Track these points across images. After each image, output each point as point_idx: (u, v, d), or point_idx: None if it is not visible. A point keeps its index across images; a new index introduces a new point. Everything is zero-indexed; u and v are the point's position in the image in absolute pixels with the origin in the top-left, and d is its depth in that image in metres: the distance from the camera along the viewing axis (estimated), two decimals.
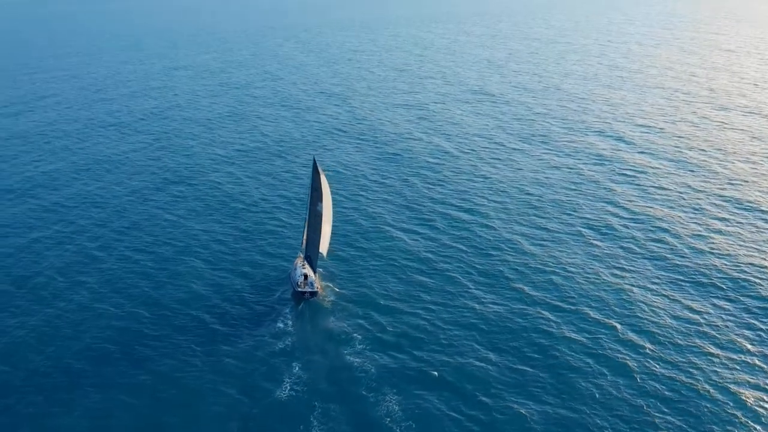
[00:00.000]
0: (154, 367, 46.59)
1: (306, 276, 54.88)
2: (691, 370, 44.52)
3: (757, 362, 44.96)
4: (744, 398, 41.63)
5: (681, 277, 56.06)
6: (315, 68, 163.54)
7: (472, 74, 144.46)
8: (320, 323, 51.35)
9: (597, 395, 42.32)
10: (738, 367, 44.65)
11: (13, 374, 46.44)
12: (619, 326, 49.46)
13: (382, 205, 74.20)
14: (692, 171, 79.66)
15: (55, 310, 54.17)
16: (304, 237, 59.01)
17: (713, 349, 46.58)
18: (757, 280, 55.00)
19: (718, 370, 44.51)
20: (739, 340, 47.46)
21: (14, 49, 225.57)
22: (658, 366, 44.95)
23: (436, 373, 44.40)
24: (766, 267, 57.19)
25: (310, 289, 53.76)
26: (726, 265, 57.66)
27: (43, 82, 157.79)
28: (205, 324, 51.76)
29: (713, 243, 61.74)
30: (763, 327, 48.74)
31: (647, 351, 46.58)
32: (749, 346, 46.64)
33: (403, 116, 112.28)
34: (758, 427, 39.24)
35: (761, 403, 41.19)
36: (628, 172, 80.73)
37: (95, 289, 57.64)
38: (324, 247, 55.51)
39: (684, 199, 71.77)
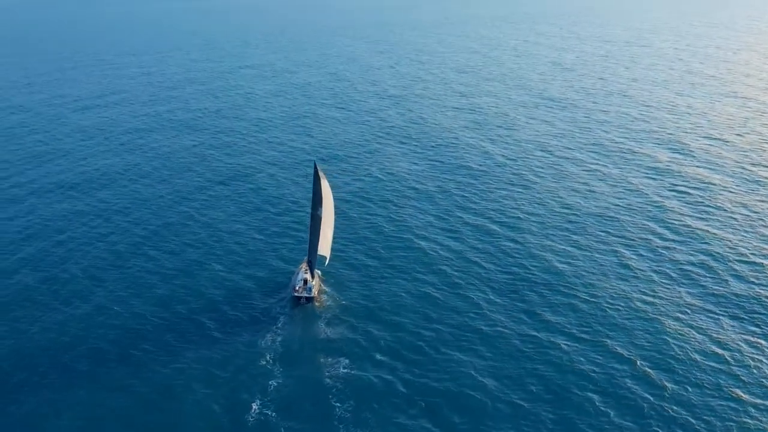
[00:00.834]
0: (142, 371, 45.80)
1: (306, 281, 53.80)
2: (709, 416, 39.73)
3: None
4: None
5: (717, 308, 50.67)
6: (378, 69, 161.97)
7: (535, 77, 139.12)
8: (310, 333, 49.25)
9: None
10: (765, 418, 39.52)
11: (11, 372, 46.75)
12: (638, 360, 45.00)
13: (410, 211, 71.61)
14: (753, 189, 72.73)
15: (64, 306, 54.51)
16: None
17: (740, 394, 41.51)
18: None
19: (742, 418, 39.54)
20: None
21: (95, 45, 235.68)
22: (672, 409, 40.38)
23: (423, 403, 41.37)
24: None
25: (306, 294, 52.75)
26: None
27: (116, 78, 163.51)
28: (202, 327, 50.70)
29: (760, 271, 55.71)
30: None
31: (663, 391, 42.00)
32: None
33: (455, 120, 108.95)
34: None
35: None
36: (682, 187, 74.64)
37: (109, 287, 57.75)
38: (325, 251, 54.34)
39: (737, 220, 65.46)
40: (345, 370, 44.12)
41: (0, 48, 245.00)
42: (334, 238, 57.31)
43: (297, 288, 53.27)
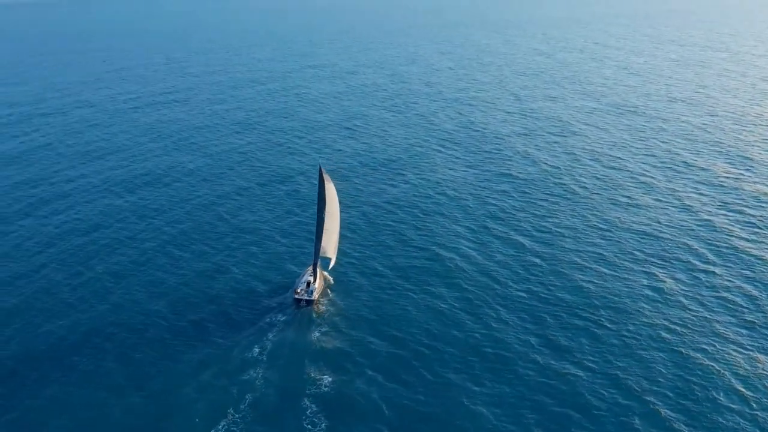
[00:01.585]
0: (134, 373, 45.27)
1: (308, 284, 52.94)
2: None
3: None
4: None
5: (750, 342, 45.71)
6: (437, 70, 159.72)
7: (598, 81, 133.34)
8: (303, 340, 47.60)
9: None
10: None
11: (15, 368, 47.30)
12: (649, 397, 41.07)
13: (437, 219, 69.07)
14: None
15: (79, 303, 54.86)
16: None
17: None
18: None
19: None
20: None
21: (166, 43, 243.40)
22: None
23: (404, 430, 38.96)
24: None
25: (306, 297, 51.85)
26: None
27: (181, 76, 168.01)
28: (202, 328, 49.90)
29: None
30: None
31: None
32: None
33: (506, 125, 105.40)
34: None
35: None
36: (735, 205, 68.86)
37: (126, 286, 57.73)
38: (330, 253, 53.91)
39: None
40: (327, 388, 41.94)
41: (70, 44, 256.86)
42: (341, 241, 56.56)
43: (298, 290, 52.53)
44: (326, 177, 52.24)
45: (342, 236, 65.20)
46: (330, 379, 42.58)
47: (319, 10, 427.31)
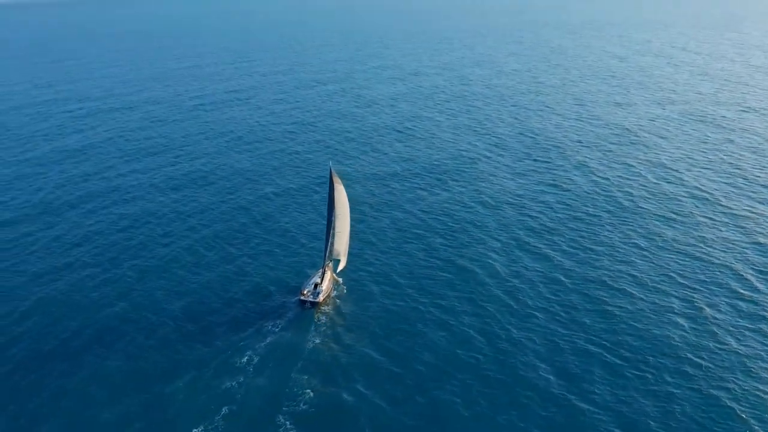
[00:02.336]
0: (135, 369, 45.34)
1: (316, 285, 52.48)
2: None
3: None
4: None
5: None
6: (506, 73, 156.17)
7: (678, 88, 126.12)
8: (300, 344, 46.61)
9: None
10: None
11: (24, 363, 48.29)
12: None
13: (468, 229, 66.54)
14: None
15: (97, 305, 55.65)
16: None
17: None
18: None
19: None
20: None
21: (233, 42, 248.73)
22: None
23: None
24: None
25: (311, 299, 51.35)
26: None
27: (247, 75, 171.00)
28: (206, 327, 49.53)
29: None
30: None
31: None
32: None
33: (568, 132, 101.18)
34: None
35: None
36: None
37: (148, 283, 58.11)
38: (340, 256, 53.68)
39: None
40: (306, 405, 40.15)
41: (142, 42, 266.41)
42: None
43: (305, 292, 52.04)
44: (336, 179, 51.57)
45: (365, 241, 64.17)
46: (312, 394, 41.03)
47: (392, 10, 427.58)
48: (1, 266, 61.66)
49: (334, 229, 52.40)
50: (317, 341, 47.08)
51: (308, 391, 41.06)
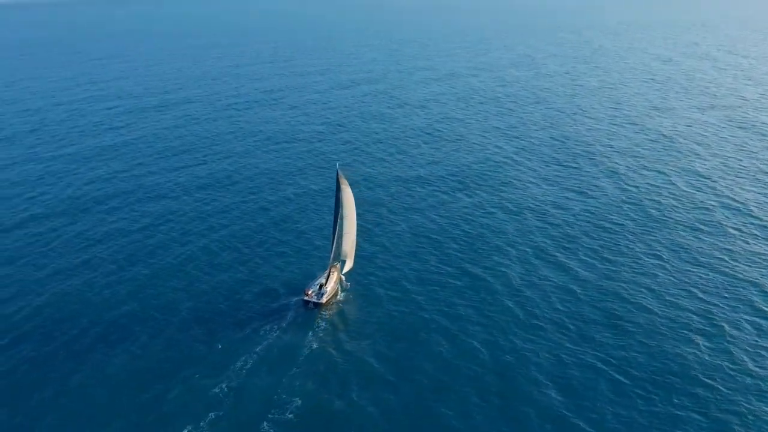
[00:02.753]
0: (136, 368, 45.60)
1: (320, 286, 52.32)
2: None
3: None
4: None
5: None
6: (546, 75, 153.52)
7: (720, 91, 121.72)
8: (297, 347, 46.33)
9: None
10: None
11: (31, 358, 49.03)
12: None
13: (487, 237, 65.13)
14: None
15: (108, 305, 56.26)
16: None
17: None
18: None
19: None
20: None
21: (285, 44, 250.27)
22: None
23: None
24: None
25: (315, 300, 51.21)
26: None
27: (293, 75, 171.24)
28: (210, 330, 49.76)
29: None
30: None
31: None
32: None
33: (602, 137, 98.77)
34: None
35: None
36: None
37: (160, 283, 58.32)
38: (347, 256, 53.80)
39: None
40: (294, 413, 39.56)
41: (187, 41, 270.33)
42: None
43: (309, 292, 51.83)
44: (343, 180, 51.41)
45: (378, 245, 63.67)
46: (299, 402, 40.39)
47: (434, 9, 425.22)
48: (23, 260, 62.95)
49: (341, 230, 52.24)
50: (314, 346, 46.64)
51: (297, 399, 40.52)
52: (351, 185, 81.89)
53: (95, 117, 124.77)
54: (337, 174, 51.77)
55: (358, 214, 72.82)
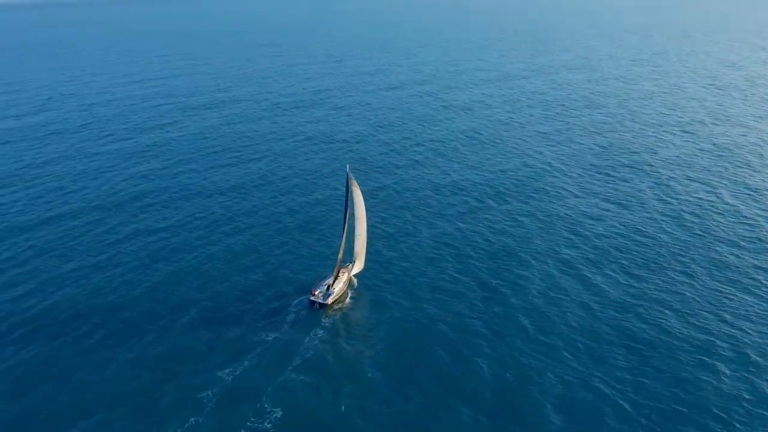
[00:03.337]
0: (139, 367, 45.88)
1: (328, 287, 51.91)
2: None
3: None
4: None
5: None
6: (608, 81, 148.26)
7: None
8: (294, 349, 45.93)
9: None
10: None
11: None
12: None
13: (516, 250, 62.96)
14: None
15: (123, 305, 57.05)
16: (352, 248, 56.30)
17: None
18: None
19: None
20: None
21: (341, 43, 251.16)
22: None
23: None
24: None
25: (321, 301, 50.84)
26: None
27: (348, 76, 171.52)
28: (215, 331, 49.68)
29: None
30: None
31: None
32: None
33: (654, 147, 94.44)
34: None
35: None
36: None
37: (176, 285, 58.58)
38: (358, 257, 53.78)
39: None
40: (273, 423, 38.59)
41: (244, 38, 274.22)
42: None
43: (316, 292, 51.55)
44: (353, 181, 51.04)
45: (395, 250, 62.90)
46: (280, 414, 39.51)
47: (501, 9, 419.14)
48: (49, 255, 64.54)
49: (354, 231, 52.24)
50: (310, 354, 45.80)
51: (278, 409, 39.74)
52: (379, 189, 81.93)
53: (143, 114, 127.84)
54: (347, 175, 51.28)
55: (381, 219, 72.31)
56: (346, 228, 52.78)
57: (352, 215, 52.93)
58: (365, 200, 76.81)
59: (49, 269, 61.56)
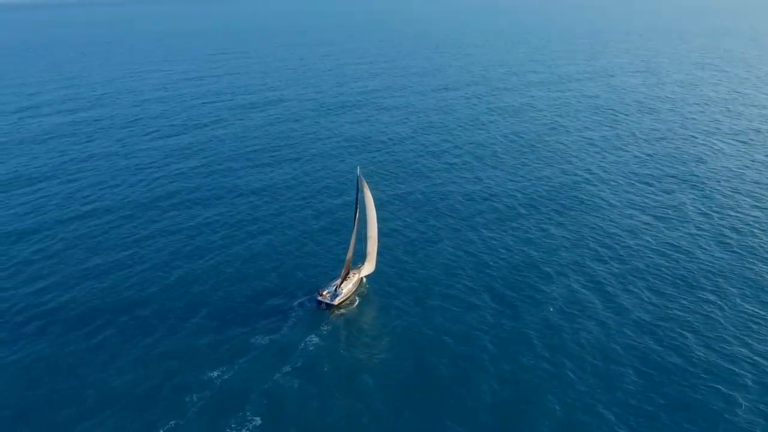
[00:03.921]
0: (142, 367, 46.29)
1: (336, 288, 51.75)
2: None
3: None
4: None
5: None
6: (667, 85, 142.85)
7: None
8: (292, 349, 45.63)
9: None
10: None
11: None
12: None
13: (541, 263, 60.80)
14: None
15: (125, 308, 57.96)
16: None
17: None
18: None
19: None
20: None
21: (403, 43, 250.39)
22: None
23: None
24: None
25: (327, 301, 50.67)
26: None
27: (392, 77, 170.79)
28: (218, 331, 49.95)
29: None
30: None
31: None
32: None
33: (720, 161, 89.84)
34: None
35: None
36: None
37: (192, 286, 59.01)
38: (369, 260, 53.64)
39: None
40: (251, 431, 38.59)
41: (292, 39, 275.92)
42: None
43: (323, 292, 51.36)
44: (364, 183, 50.56)
45: (414, 256, 61.28)
46: (260, 421, 38.92)
47: (558, 11, 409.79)
48: (72, 251, 66.07)
49: (362, 233, 52.14)
50: (302, 362, 45.17)
51: (257, 418, 39.17)
52: (409, 193, 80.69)
53: (191, 112, 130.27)
54: (358, 178, 50.64)
55: (405, 223, 71.20)
56: (355, 230, 52.48)
57: (363, 217, 52.34)
58: (393, 204, 77.00)
59: (74, 263, 63.15)
